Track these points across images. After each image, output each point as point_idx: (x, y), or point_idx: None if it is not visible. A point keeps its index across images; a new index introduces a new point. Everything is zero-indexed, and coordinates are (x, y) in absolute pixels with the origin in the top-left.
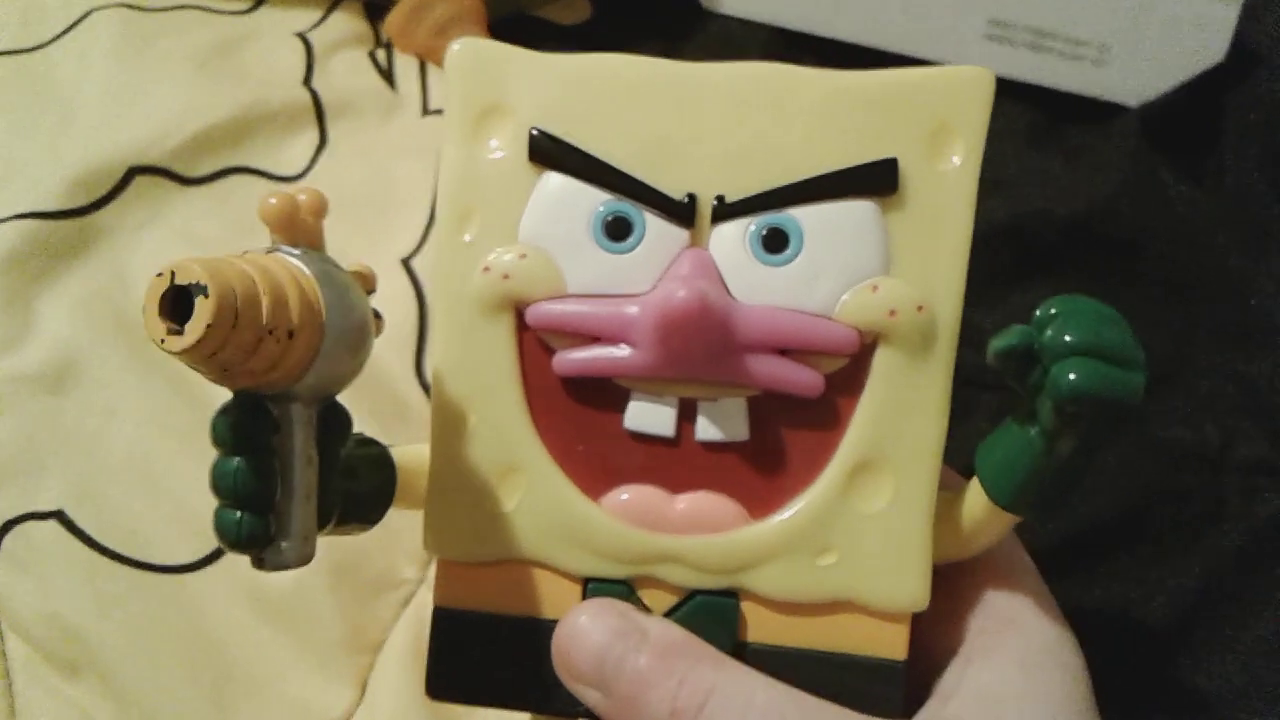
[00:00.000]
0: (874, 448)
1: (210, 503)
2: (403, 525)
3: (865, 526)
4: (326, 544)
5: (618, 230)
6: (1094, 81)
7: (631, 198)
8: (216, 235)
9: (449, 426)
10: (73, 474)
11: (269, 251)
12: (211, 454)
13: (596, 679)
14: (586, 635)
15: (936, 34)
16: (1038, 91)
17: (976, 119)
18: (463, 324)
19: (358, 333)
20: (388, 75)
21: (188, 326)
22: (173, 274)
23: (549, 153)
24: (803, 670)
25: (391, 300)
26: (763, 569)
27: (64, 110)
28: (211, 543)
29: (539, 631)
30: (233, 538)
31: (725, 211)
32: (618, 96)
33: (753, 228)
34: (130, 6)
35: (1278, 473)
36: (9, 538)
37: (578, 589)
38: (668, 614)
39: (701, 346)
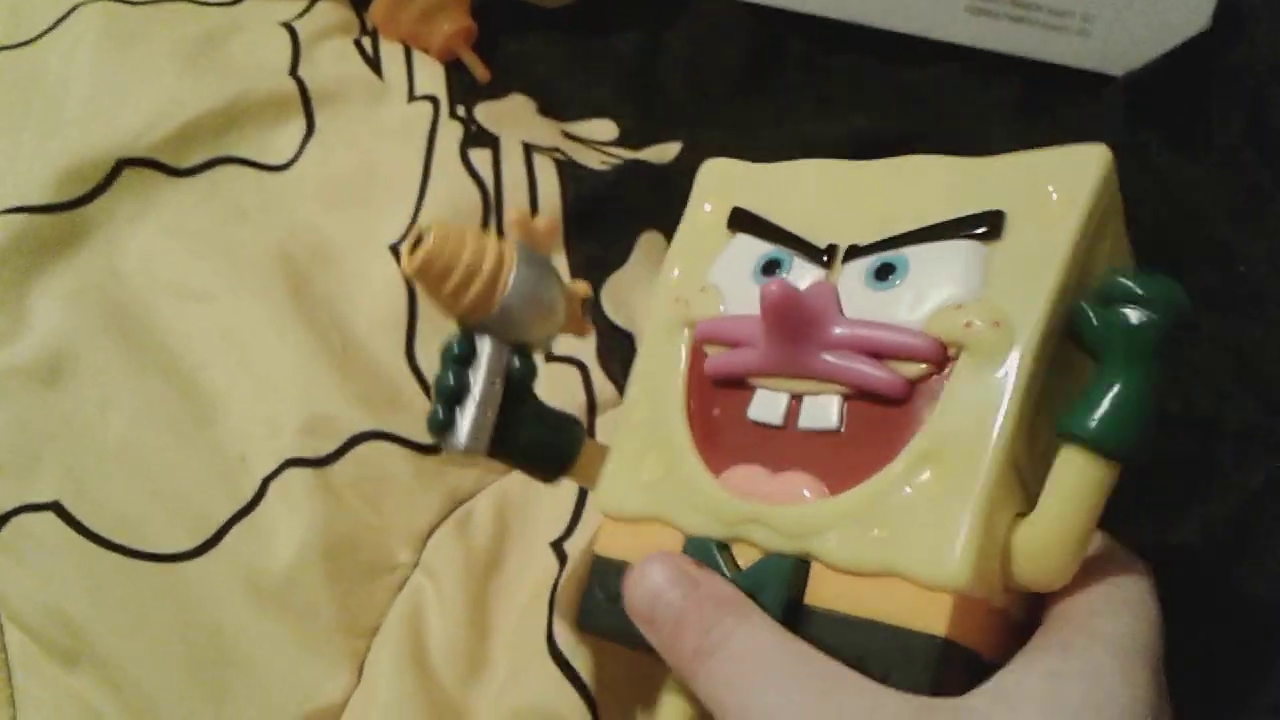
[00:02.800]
0: (939, 441)
1: (204, 491)
2: (397, 508)
3: (915, 504)
4: (321, 531)
5: (769, 269)
6: (1078, 52)
7: (787, 246)
8: (207, 225)
9: (630, 413)
10: (68, 466)
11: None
12: (204, 444)
13: (648, 616)
14: (647, 578)
15: (919, 8)
16: (1021, 63)
17: (1092, 178)
18: (658, 338)
19: (542, 306)
20: (374, 62)
21: (417, 251)
22: (419, 231)
23: (740, 219)
24: (851, 635)
25: (380, 286)
26: (826, 536)
27: (52, 105)
28: (206, 531)
29: None
30: (430, 424)
31: (853, 253)
32: (801, 185)
33: (869, 263)
34: (115, 0)
35: (1269, 439)
36: (6, 530)
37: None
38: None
39: (793, 334)
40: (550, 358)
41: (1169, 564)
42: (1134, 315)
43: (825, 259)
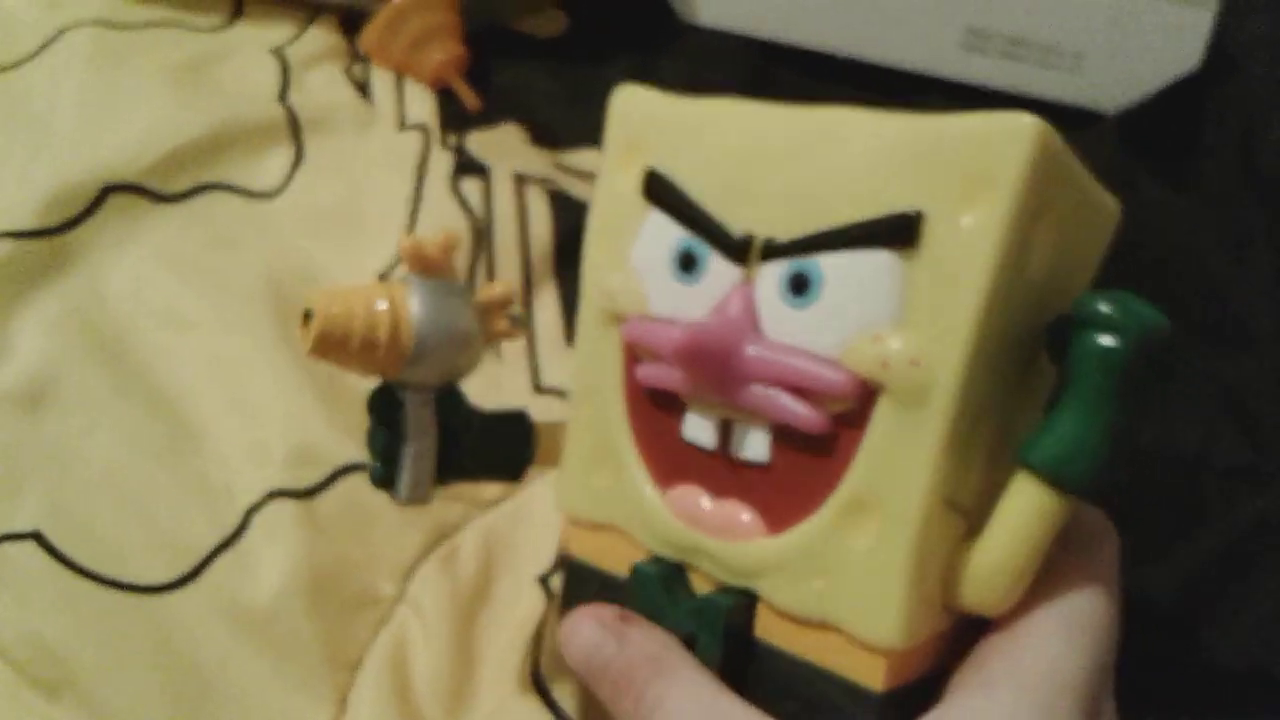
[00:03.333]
0: (867, 489)
1: (188, 521)
2: (382, 541)
3: (851, 560)
4: (305, 563)
5: (687, 264)
6: (1071, 89)
7: (702, 235)
8: (193, 252)
9: (577, 412)
10: (50, 494)
11: (400, 278)
12: (188, 474)
13: (585, 672)
14: (578, 635)
15: (913, 43)
16: (1014, 100)
17: (1013, 170)
18: (590, 330)
19: (454, 343)
20: (364, 90)
21: (308, 329)
22: (305, 308)
23: (655, 191)
24: (795, 675)
25: None
26: (769, 579)
27: (38, 129)
28: (189, 562)
29: (617, 586)
30: (375, 481)
31: (769, 253)
32: (718, 139)
33: (784, 271)
34: (104, 24)
35: (1257, 476)
36: None
37: (639, 556)
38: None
39: (709, 376)
40: (540, 389)
41: (1153, 601)
42: (1098, 340)
43: (742, 254)
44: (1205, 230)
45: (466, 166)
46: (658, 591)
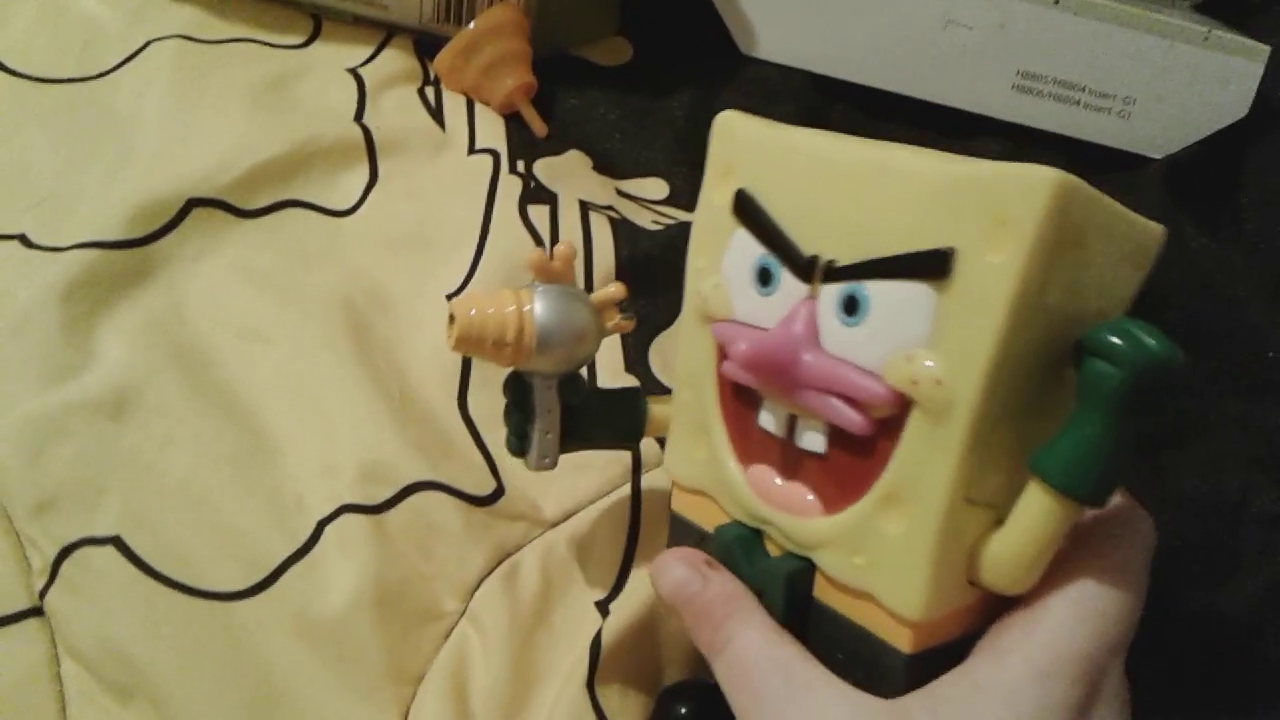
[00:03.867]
0: (900, 485)
1: (261, 531)
2: (447, 558)
3: (885, 543)
4: (374, 577)
5: (764, 278)
6: (1119, 133)
7: (777, 254)
8: (271, 267)
9: (679, 394)
10: (130, 501)
11: (528, 285)
12: (262, 485)
13: (672, 604)
14: (669, 571)
15: (967, 83)
16: (1063, 141)
17: (1031, 217)
18: (691, 326)
19: (572, 336)
20: (436, 113)
21: (451, 329)
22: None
23: (743, 210)
24: (842, 631)
25: (435, 336)
26: (823, 552)
27: (123, 141)
28: (261, 571)
29: (708, 538)
30: (510, 451)
31: (829, 275)
32: (797, 168)
33: (840, 292)
34: (188, 39)
35: None
36: (68, 563)
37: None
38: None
39: (771, 381)
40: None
41: (1192, 647)
42: (1100, 368)
43: (808, 273)
44: (1246, 278)
45: (534, 194)
46: (736, 551)
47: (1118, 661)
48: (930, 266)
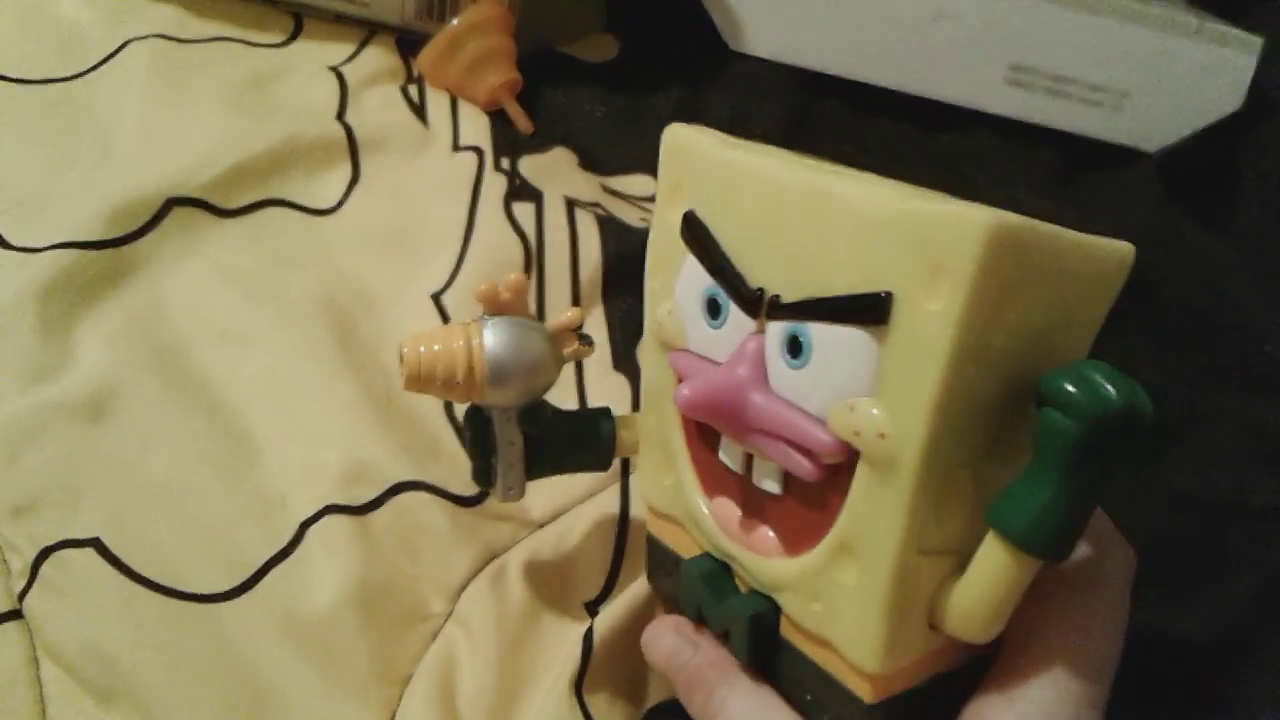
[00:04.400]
0: (851, 535)
1: (244, 533)
2: (433, 559)
3: (840, 592)
4: (359, 577)
5: (713, 309)
6: (1112, 127)
7: (724, 285)
8: (252, 266)
9: (645, 419)
10: (110, 502)
11: (477, 319)
12: (245, 486)
13: (664, 670)
14: (661, 640)
15: (958, 77)
16: (1056, 136)
17: (966, 265)
18: (651, 350)
19: (527, 370)
20: (420, 110)
21: (401, 369)
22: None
23: (690, 234)
24: (809, 673)
25: None
26: (784, 594)
27: (102, 141)
28: (244, 572)
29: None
30: (473, 479)
31: (773, 312)
32: (745, 191)
33: (784, 331)
34: (167, 38)
35: None
36: (47, 565)
37: (694, 548)
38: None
39: (717, 422)
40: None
41: (1187, 644)
42: (1055, 419)
43: (755, 308)
44: (1240, 272)
45: (519, 191)
46: (703, 587)
47: (1099, 714)
48: (868, 311)
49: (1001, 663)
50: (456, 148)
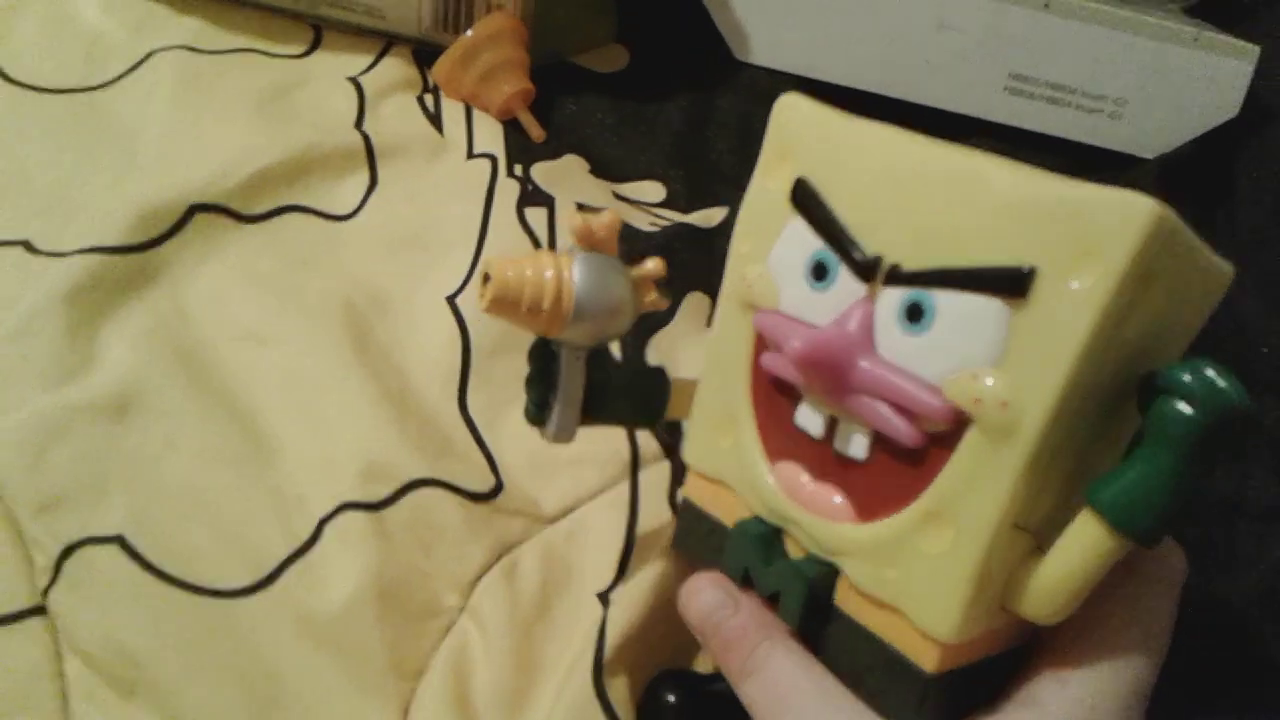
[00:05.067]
0: (945, 504)
1: (262, 530)
2: (448, 554)
3: (922, 561)
4: (374, 573)
5: (819, 273)
6: (1111, 134)
7: (836, 249)
8: (272, 271)
9: (707, 379)
10: (132, 500)
11: (567, 250)
12: (263, 484)
13: (701, 630)
14: (699, 597)
15: (959, 86)
16: (1056, 143)
17: (1125, 246)
18: (728, 311)
19: (609, 307)
20: (435, 119)
21: (486, 289)
22: (485, 270)
23: (801, 199)
24: (861, 642)
25: (435, 337)
26: (851, 559)
27: (126, 148)
28: (263, 569)
29: (722, 532)
30: (528, 419)
31: (893, 278)
32: (865, 160)
33: (903, 298)
34: (190, 49)
35: None
36: (71, 561)
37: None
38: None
39: (821, 381)
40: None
41: (1190, 641)
42: (1176, 408)
43: (869, 274)
44: (1240, 276)
45: (532, 197)
46: (754, 549)
47: (1145, 703)
48: (1008, 283)
49: (1056, 647)
50: (471, 155)
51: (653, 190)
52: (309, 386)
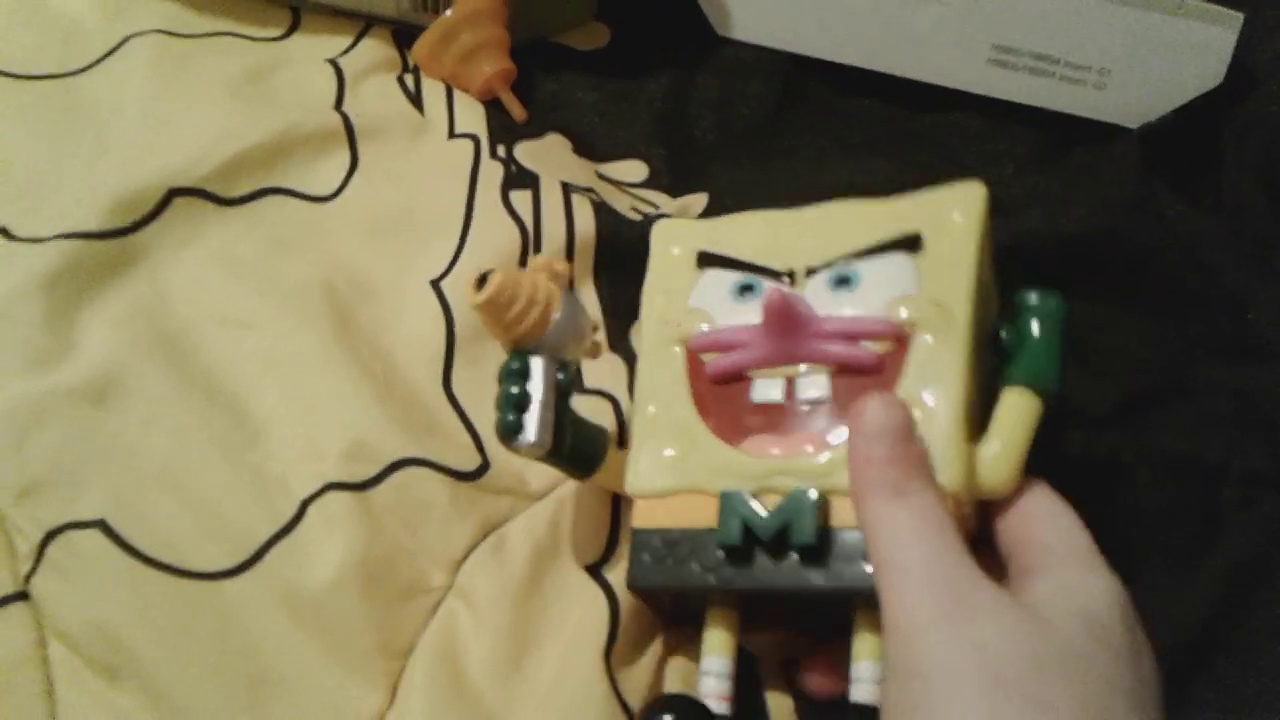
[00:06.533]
0: (913, 395)
1: (245, 511)
2: (434, 533)
3: None
4: (359, 552)
5: (745, 290)
6: (1095, 104)
7: (756, 272)
8: (253, 254)
9: (642, 413)
10: (114, 484)
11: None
12: (246, 466)
13: (878, 432)
14: (897, 412)
15: (942, 59)
16: (1040, 114)
17: (977, 195)
18: (654, 353)
19: (578, 331)
20: (416, 100)
21: (485, 288)
22: (482, 272)
23: (708, 259)
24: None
25: (420, 320)
26: (841, 473)
27: (103, 133)
28: (247, 550)
29: (696, 535)
30: (501, 429)
31: (811, 273)
32: (747, 230)
33: (828, 275)
34: (167, 33)
35: (1276, 485)
36: (53, 546)
37: (715, 503)
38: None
39: (792, 328)
40: (584, 390)
41: (1177, 608)
42: (1053, 300)
43: (789, 279)
44: (1225, 244)
45: (516, 178)
46: (748, 507)
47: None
48: (906, 243)
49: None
50: (452, 135)
51: (635, 169)
52: (291, 369)
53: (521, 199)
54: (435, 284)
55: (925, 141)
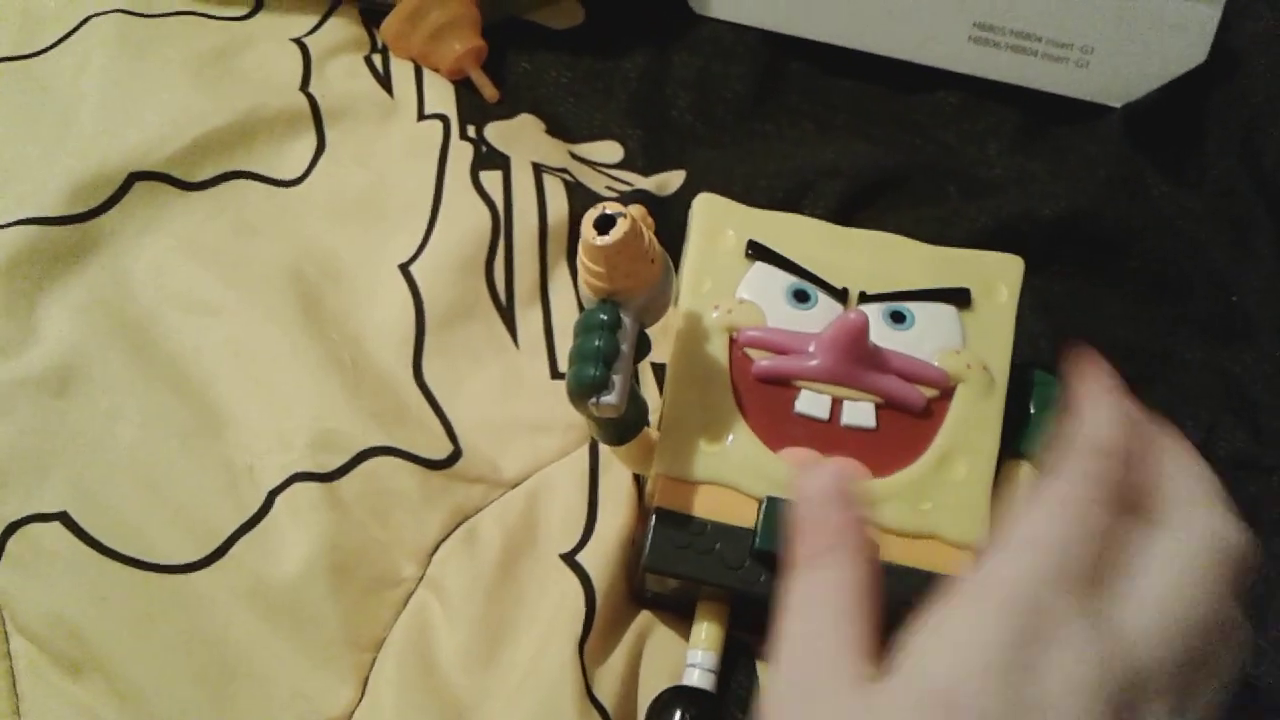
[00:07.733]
0: (954, 445)
1: (211, 503)
2: (403, 523)
3: (949, 489)
4: (328, 544)
5: (801, 297)
6: (1078, 83)
7: (812, 281)
8: (217, 239)
9: (680, 396)
10: (76, 476)
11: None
12: (212, 457)
13: (815, 497)
14: (830, 477)
15: (923, 37)
16: (1022, 93)
17: (1016, 275)
18: (697, 336)
19: (666, 297)
20: (384, 80)
21: (612, 233)
22: (604, 210)
23: (759, 251)
24: (900, 578)
25: (389, 305)
26: (881, 508)
27: (63, 116)
28: (212, 542)
29: (726, 530)
30: (586, 383)
31: (865, 298)
32: (802, 233)
33: (884, 308)
34: (128, 13)
35: (1258, 465)
36: (13, 540)
37: (753, 505)
38: None
39: (857, 355)
40: (558, 375)
41: None
42: (1054, 387)
43: (842, 299)
44: (1208, 223)
45: (486, 159)
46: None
47: (1068, 601)
48: (956, 297)
49: None
50: (422, 116)
51: (610, 150)
52: (257, 357)
53: (492, 180)
54: (404, 268)
55: (907, 122)
